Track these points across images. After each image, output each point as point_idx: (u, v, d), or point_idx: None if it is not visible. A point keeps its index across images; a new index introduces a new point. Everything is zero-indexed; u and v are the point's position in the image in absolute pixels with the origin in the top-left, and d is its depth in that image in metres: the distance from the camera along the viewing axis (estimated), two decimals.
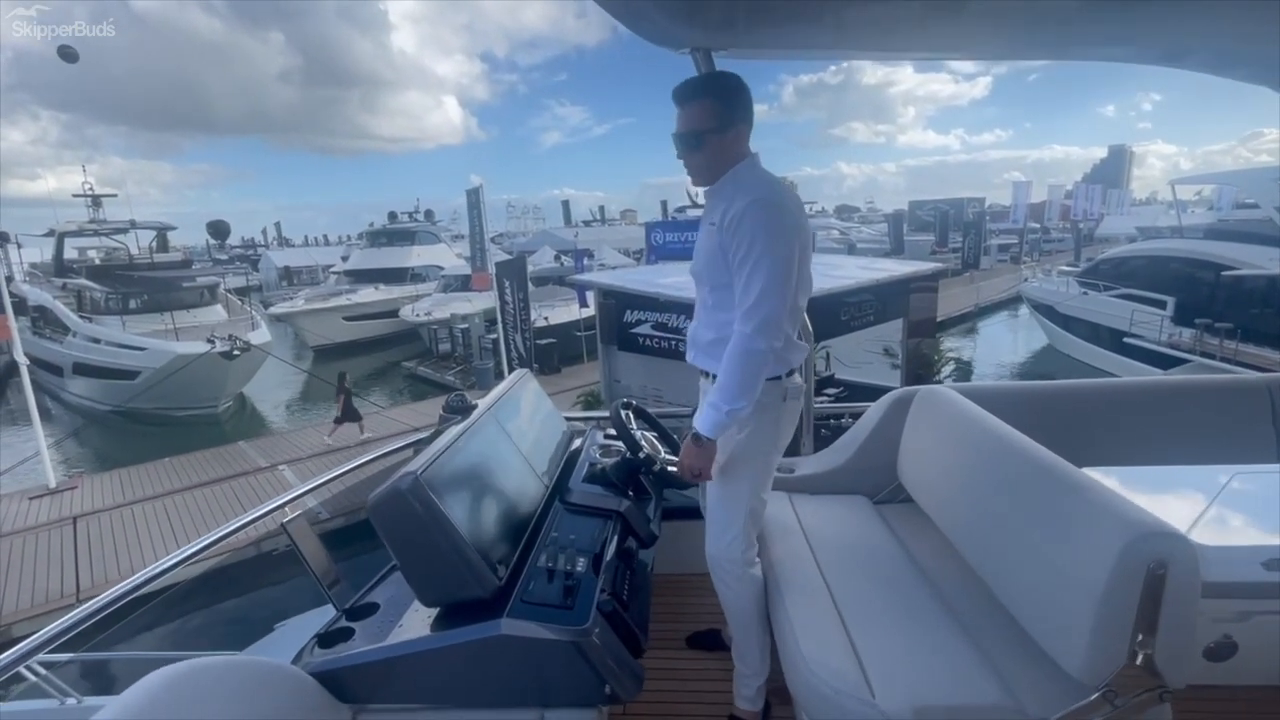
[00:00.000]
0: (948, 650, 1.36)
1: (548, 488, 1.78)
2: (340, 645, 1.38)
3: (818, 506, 2.05)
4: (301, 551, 1.59)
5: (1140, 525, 1.08)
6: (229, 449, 11.63)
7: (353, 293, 24.54)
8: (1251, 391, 2.07)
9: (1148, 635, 1.09)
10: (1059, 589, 1.20)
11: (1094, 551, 1.11)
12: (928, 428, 1.90)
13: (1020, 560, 1.34)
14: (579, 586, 1.38)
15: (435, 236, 29.46)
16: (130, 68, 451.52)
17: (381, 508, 1.28)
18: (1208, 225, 15.97)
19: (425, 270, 26.42)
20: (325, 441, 11.48)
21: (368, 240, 29.40)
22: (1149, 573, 1.06)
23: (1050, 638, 1.22)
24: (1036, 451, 1.43)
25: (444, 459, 1.39)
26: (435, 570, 1.29)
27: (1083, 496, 1.23)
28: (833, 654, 1.35)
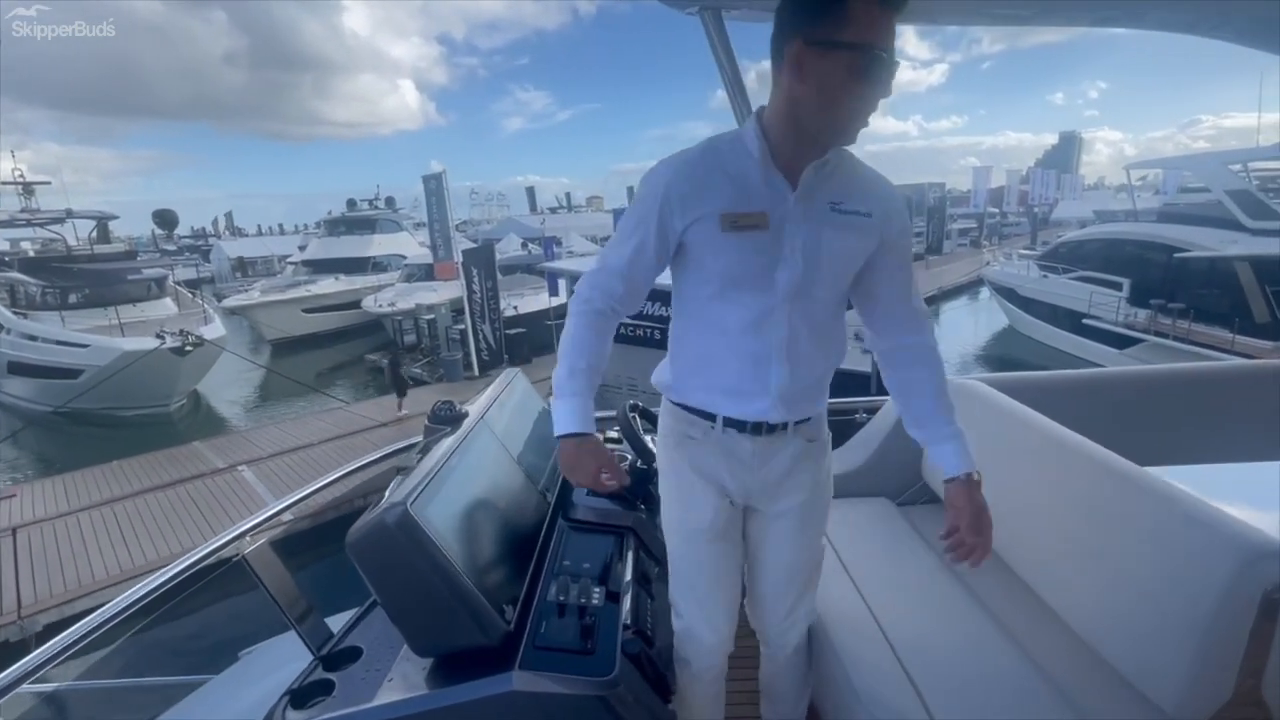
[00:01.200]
0: (1012, 677, 1.23)
1: (550, 504, 1.59)
2: (318, 703, 1.17)
3: (838, 511, 1.90)
4: (266, 585, 1.36)
5: (1251, 545, 0.95)
6: (183, 450, 11.03)
7: (312, 284, 23.64)
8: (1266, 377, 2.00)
9: (1257, 666, 0.96)
10: (1149, 614, 1.06)
11: (1196, 574, 0.98)
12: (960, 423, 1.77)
13: (1088, 578, 1.21)
14: (597, 623, 1.20)
15: (397, 224, 28.58)
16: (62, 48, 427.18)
17: (364, 544, 1.07)
18: (1160, 209, 16.51)
19: (387, 259, 25.61)
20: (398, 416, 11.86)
21: (326, 229, 28.33)
22: (1265, 597, 0.93)
23: (1138, 668, 1.09)
24: (1097, 452, 1.30)
25: (434, 483, 1.19)
26: (431, 617, 1.09)
27: (1166, 506, 1.10)
28: (889, 689, 1.21)
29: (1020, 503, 1.44)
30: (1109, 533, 1.18)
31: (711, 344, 1.18)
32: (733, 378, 1.17)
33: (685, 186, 1.09)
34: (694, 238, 1.11)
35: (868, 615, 1.44)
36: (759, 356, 1.15)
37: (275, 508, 1.66)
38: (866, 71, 0.97)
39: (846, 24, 0.94)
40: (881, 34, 0.96)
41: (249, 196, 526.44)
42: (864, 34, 0.95)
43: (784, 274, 1.11)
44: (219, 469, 9.91)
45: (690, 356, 1.22)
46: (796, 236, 1.09)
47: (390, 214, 29.29)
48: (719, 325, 1.16)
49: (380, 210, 29.13)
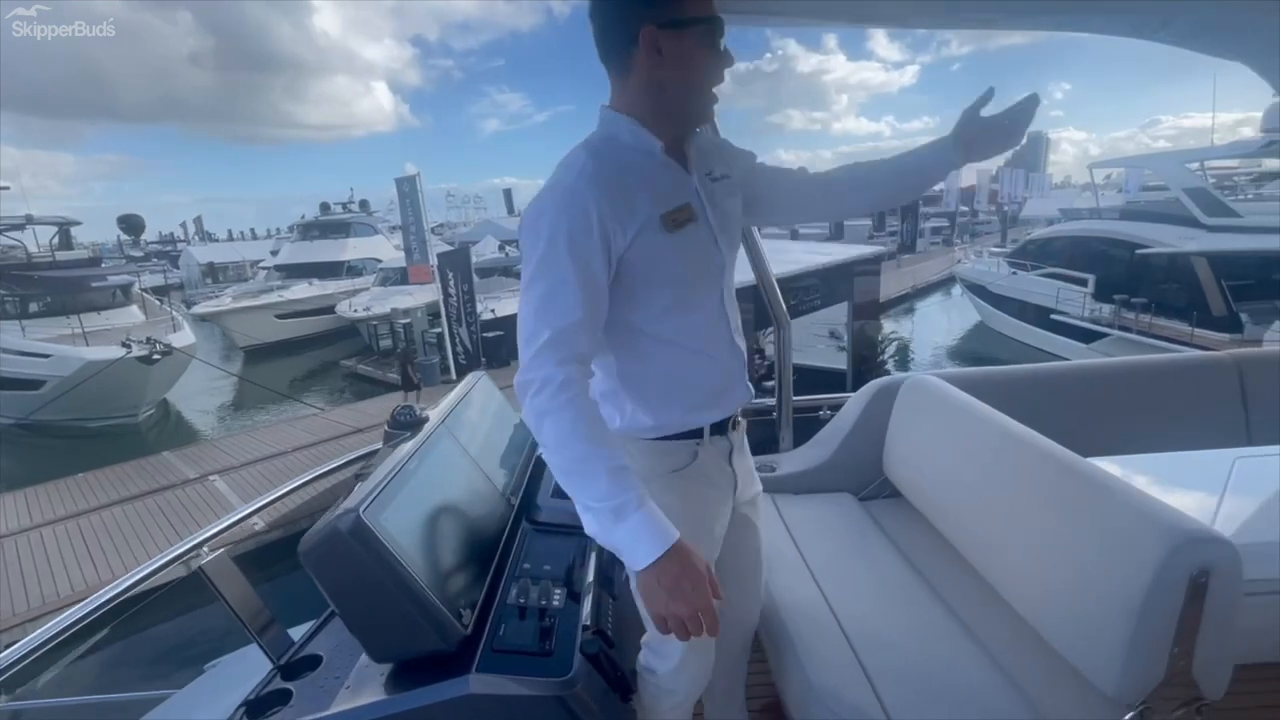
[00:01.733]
0: (963, 665, 1.27)
1: (514, 507, 1.59)
2: (276, 712, 1.16)
3: (802, 508, 1.94)
4: (224, 597, 1.35)
5: (1180, 531, 0.99)
6: (152, 460, 10.76)
7: (284, 289, 23.23)
8: (1219, 368, 2.08)
9: (1188, 646, 1.01)
10: (1086, 599, 1.11)
11: (1130, 559, 1.02)
12: (916, 419, 1.81)
13: (1034, 565, 1.25)
14: (557, 625, 1.21)
15: (372, 228, 28.20)
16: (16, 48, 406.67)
17: (317, 553, 1.06)
18: (1122, 206, 16.99)
19: (362, 263, 25.27)
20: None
21: (299, 233, 27.86)
22: (1191, 581, 0.98)
23: (1078, 652, 1.13)
24: (1042, 443, 1.34)
25: (390, 488, 1.19)
26: (387, 623, 1.09)
27: (1105, 495, 1.14)
28: (845, 684, 1.23)
29: (973, 495, 1.48)
30: (1053, 522, 1.22)
31: (680, 359, 1.11)
32: (714, 380, 1.14)
33: (613, 201, 0.99)
34: (639, 252, 1.02)
35: (825, 608, 1.47)
36: (724, 344, 1.15)
37: (233, 517, 1.64)
38: (716, 41, 1.02)
39: (688, 2, 0.98)
40: (713, 6, 1.01)
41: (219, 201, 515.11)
42: (704, 8, 1.00)
43: (720, 256, 1.12)
44: (190, 479, 9.68)
45: (662, 382, 1.12)
46: (714, 217, 1.11)
47: (365, 217, 28.91)
48: (682, 335, 1.10)
49: (354, 214, 28.74)
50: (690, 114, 1.07)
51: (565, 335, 0.96)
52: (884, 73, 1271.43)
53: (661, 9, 0.97)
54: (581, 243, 0.96)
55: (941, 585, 1.55)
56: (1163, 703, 1.04)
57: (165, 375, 14.91)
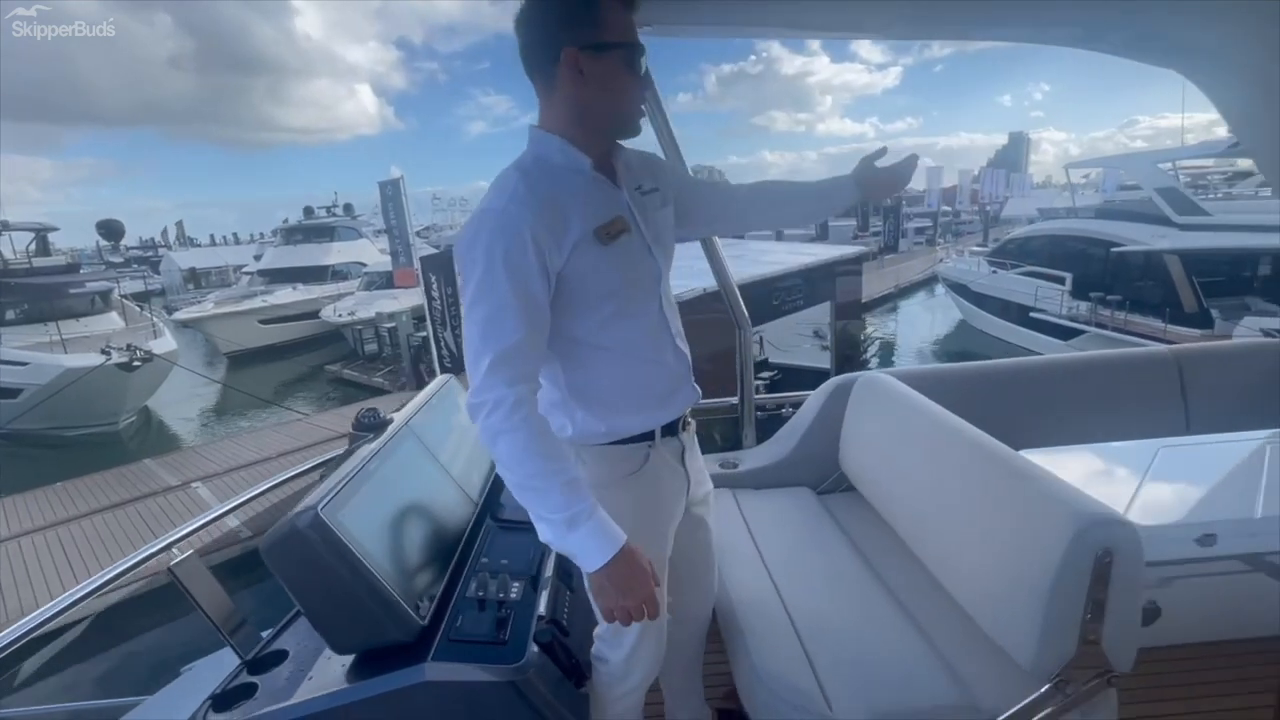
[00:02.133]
0: (900, 650, 1.34)
1: (477, 505, 1.64)
2: (240, 705, 1.21)
3: (761, 502, 2.01)
4: (194, 597, 1.39)
5: (1086, 514, 1.07)
6: (133, 468, 10.64)
7: (268, 294, 23.02)
8: (1160, 363, 2.18)
9: (1096, 622, 1.08)
10: (1007, 580, 1.18)
11: (1042, 541, 1.10)
12: (867, 415, 1.89)
13: (966, 550, 1.33)
14: (513, 616, 1.26)
15: (356, 232, 28.03)
16: None
17: (277, 550, 1.11)
18: (1098, 206, 17.30)
19: (347, 268, 25.10)
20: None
21: (282, 237, 27.62)
22: (1096, 561, 1.05)
23: (1001, 631, 1.20)
24: (976, 436, 1.42)
25: (350, 486, 1.24)
26: (346, 616, 1.14)
27: (1026, 483, 1.22)
28: (788, 667, 1.30)
29: (916, 487, 1.56)
30: (981, 510, 1.30)
31: (625, 364, 1.16)
32: (661, 384, 1.20)
33: (546, 220, 1.02)
34: (575, 267, 1.06)
35: (776, 599, 1.53)
36: (668, 349, 1.21)
37: (203, 519, 1.68)
38: (636, 64, 1.07)
39: (608, 27, 1.04)
40: (635, 31, 1.08)
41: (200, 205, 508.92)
42: (627, 33, 1.06)
43: (656, 266, 1.18)
44: (172, 486, 9.61)
45: (609, 389, 1.16)
46: (647, 228, 1.16)
47: (349, 221, 28.72)
48: (624, 343, 1.15)
49: (339, 217, 28.55)
50: (614, 131, 1.13)
51: (511, 356, 1.00)
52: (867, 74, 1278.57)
53: (583, 32, 1.02)
54: (519, 265, 1.00)
55: (887, 574, 1.62)
56: (1076, 674, 1.12)
57: (146, 382, 14.74)
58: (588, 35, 1.02)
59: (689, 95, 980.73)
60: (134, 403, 15.20)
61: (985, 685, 1.23)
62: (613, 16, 1.04)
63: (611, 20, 1.04)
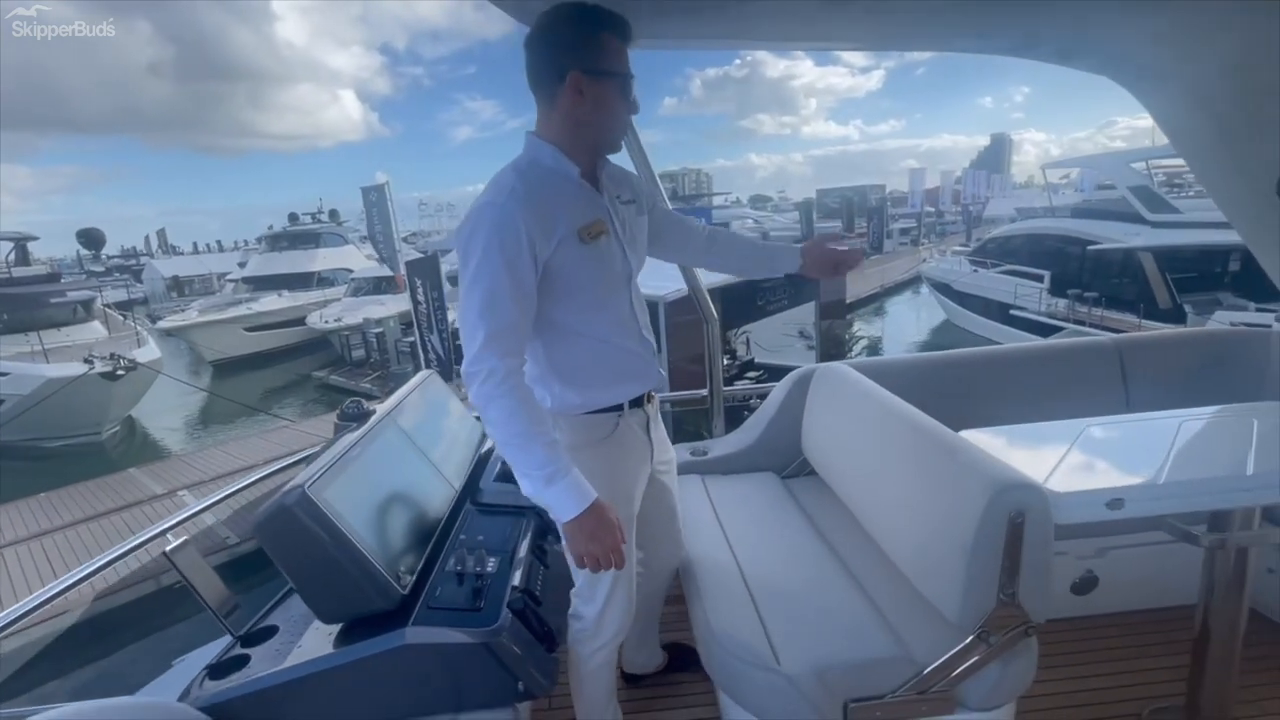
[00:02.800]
0: (846, 611, 1.45)
1: (457, 490, 1.74)
2: (235, 674, 1.30)
3: (728, 486, 2.12)
4: (190, 580, 1.48)
5: (1000, 480, 1.19)
6: (118, 477, 10.58)
7: (253, 301, 22.88)
8: (1103, 351, 2.32)
9: (1012, 578, 1.20)
10: (936, 543, 1.30)
11: (964, 507, 1.22)
12: (825, 403, 2.01)
13: (906, 520, 1.44)
14: (489, 587, 1.36)
15: (342, 238, 27.93)
16: None
17: (268, 526, 1.21)
18: (1074, 205, 17.65)
19: (333, 274, 25.01)
20: None
21: (267, 244, 27.47)
22: (1010, 521, 1.17)
23: (931, 588, 1.32)
24: (918, 418, 1.54)
25: (336, 468, 1.34)
26: (333, 587, 1.24)
27: (955, 457, 1.34)
28: (741, 628, 1.41)
29: (870, 466, 1.67)
30: (920, 483, 1.42)
31: (598, 347, 1.32)
32: (629, 364, 1.37)
33: (537, 217, 1.16)
34: (559, 261, 1.21)
35: (735, 568, 1.65)
36: (635, 337, 1.38)
37: (199, 506, 1.76)
38: (629, 91, 1.25)
39: (609, 56, 1.21)
40: (629, 63, 1.25)
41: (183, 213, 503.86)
42: (623, 64, 1.24)
43: (628, 265, 1.34)
44: (158, 495, 9.57)
45: (584, 367, 1.32)
46: (623, 233, 1.33)
47: (335, 227, 28.62)
48: (598, 329, 1.31)
49: (324, 224, 28.43)
50: (602, 146, 1.30)
51: (503, 333, 1.14)
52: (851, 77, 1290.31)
53: (588, 59, 1.19)
54: (513, 255, 1.15)
55: (840, 547, 1.74)
56: (997, 626, 1.23)
57: (130, 392, 14.63)
58: (592, 62, 1.19)
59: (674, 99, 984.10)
60: (118, 412, 15.09)
61: (919, 639, 1.34)
62: (612, 47, 1.21)
63: (611, 50, 1.21)
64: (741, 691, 1.35)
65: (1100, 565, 1.94)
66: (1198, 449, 1.46)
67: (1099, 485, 1.30)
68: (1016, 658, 1.27)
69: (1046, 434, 1.60)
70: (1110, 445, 1.53)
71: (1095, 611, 1.98)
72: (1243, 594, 1.43)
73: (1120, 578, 1.95)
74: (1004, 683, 1.28)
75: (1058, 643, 1.89)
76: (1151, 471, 1.34)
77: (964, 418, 1.67)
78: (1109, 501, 1.27)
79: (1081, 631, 1.93)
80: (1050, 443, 1.54)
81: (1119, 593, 1.97)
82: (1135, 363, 2.28)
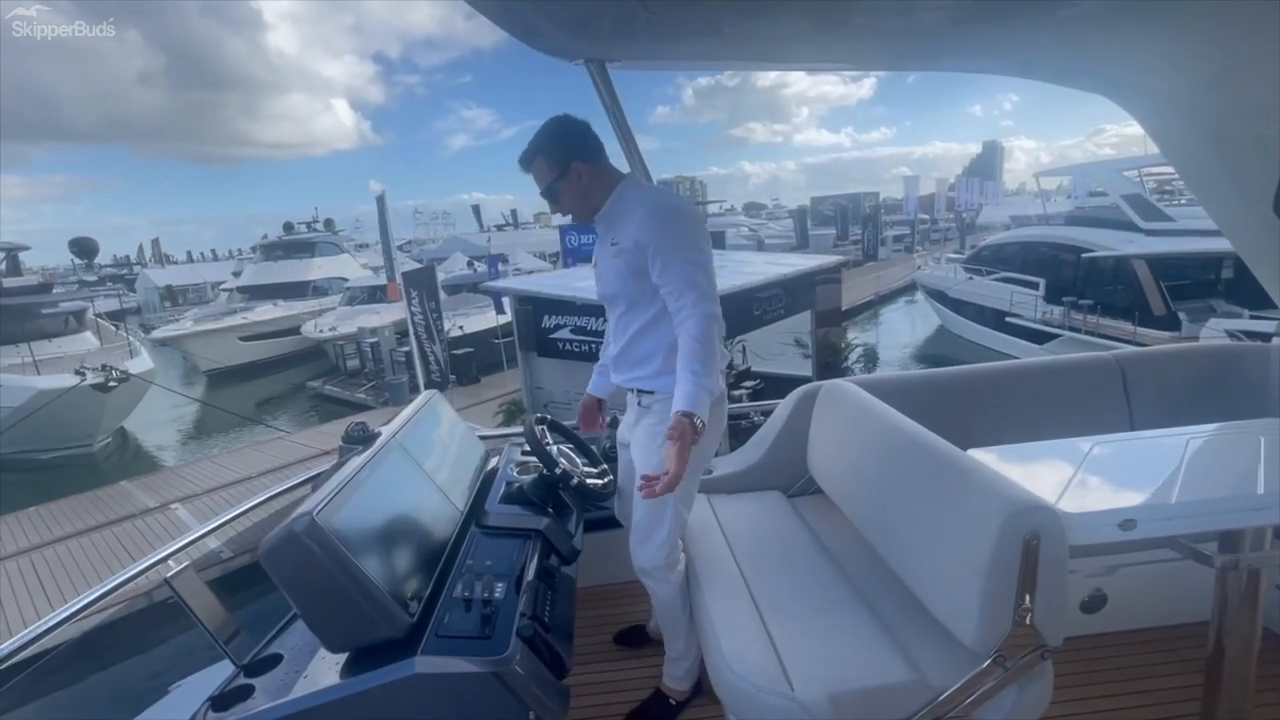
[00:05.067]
0: (858, 635, 1.44)
1: (462, 513, 1.72)
2: (237, 706, 1.27)
3: (735, 505, 2.11)
4: (190, 607, 1.45)
5: (1014, 501, 1.18)
6: (109, 490, 10.48)
7: (248, 310, 22.82)
8: (1104, 367, 2.32)
9: (1028, 600, 1.19)
10: (950, 566, 1.29)
11: (977, 529, 1.21)
12: (831, 421, 2.00)
13: (917, 541, 1.43)
14: (498, 613, 1.34)
15: (337, 247, 27.90)
16: None
17: (275, 554, 1.19)
18: (1068, 213, 17.79)
19: (328, 283, 24.97)
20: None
21: (262, 253, 27.41)
22: (1025, 544, 1.16)
23: (945, 612, 1.31)
24: (926, 437, 1.53)
25: (343, 494, 1.32)
26: (340, 615, 1.21)
27: (966, 478, 1.33)
28: (752, 651, 1.39)
29: (878, 486, 1.66)
30: (930, 504, 1.41)
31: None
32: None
33: None
34: None
35: (744, 589, 1.63)
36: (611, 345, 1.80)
37: (197, 533, 1.74)
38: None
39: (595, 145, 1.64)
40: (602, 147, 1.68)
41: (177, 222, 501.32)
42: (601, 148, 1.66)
43: (600, 290, 1.75)
44: (150, 509, 9.48)
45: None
46: (599, 269, 1.73)
47: (330, 236, 28.60)
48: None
49: (319, 233, 28.40)
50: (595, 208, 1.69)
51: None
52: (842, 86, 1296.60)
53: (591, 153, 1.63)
54: None
55: (850, 568, 1.72)
56: (1013, 650, 1.22)
57: (122, 403, 14.53)
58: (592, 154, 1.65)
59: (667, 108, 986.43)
60: (110, 424, 14.97)
61: (935, 664, 1.33)
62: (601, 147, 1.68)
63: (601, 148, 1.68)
64: (752, 716, 1.33)
65: (1109, 583, 1.94)
66: (1206, 467, 1.46)
67: (1110, 506, 1.29)
68: (1033, 682, 1.26)
69: (1053, 453, 1.59)
70: (1118, 464, 1.53)
71: (1104, 630, 1.97)
72: (1256, 613, 1.42)
73: (1129, 595, 1.94)
74: (1021, 707, 1.27)
75: (1068, 662, 1.87)
76: (1161, 491, 1.34)
77: (967, 435, 1.66)
78: (1121, 522, 1.26)
79: (1091, 650, 1.92)
80: (1057, 461, 1.53)
81: (1128, 610, 1.96)
82: (1137, 379, 2.29)
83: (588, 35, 1.77)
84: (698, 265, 1.53)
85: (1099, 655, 1.91)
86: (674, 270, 1.52)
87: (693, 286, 1.51)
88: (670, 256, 1.52)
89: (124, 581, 1.61)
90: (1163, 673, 1.84)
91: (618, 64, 1.94)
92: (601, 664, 2.03)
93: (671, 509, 1.66)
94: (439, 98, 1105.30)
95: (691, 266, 1.52)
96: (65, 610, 1.50)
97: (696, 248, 1.55)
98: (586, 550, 1.84)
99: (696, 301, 1.50)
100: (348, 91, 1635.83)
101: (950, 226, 45.22)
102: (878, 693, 1.29)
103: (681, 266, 1.52)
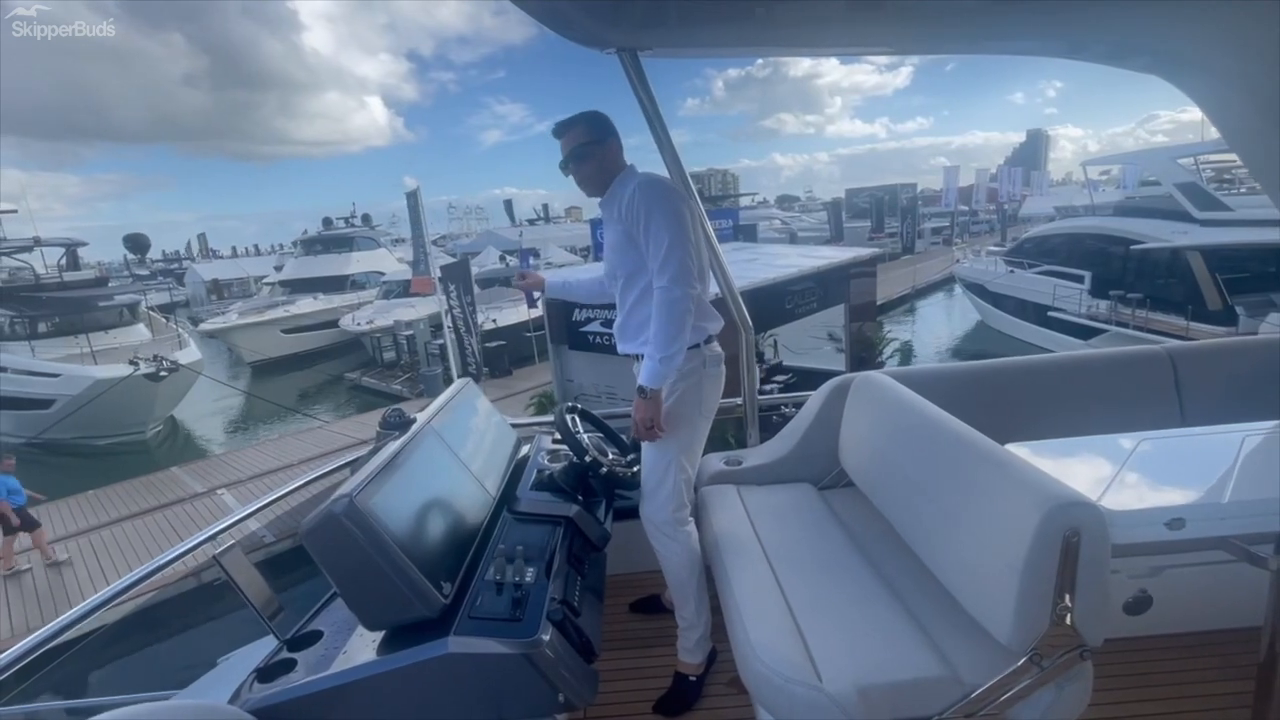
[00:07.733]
0: (889, 628, 1.42)
1: (494, 499, 1.75)
2: (281, 678, 1.32)
3: (765, 497, 2.10)
4: (237, 583, 1.51)
5: (1054, 497, 1.14)
6: (160, 476, 10.99)
7: (290, 304, 23.54)
8: (1155, 360, 2.23)
9: (1067, 599, 1.15)
10: (986, 561, 1.26)
11: (1015, 524, 1.17)
12: (864, 413, 1.97)
13: (951, 536, 1.40)
14: (528, 597, 1.36)
15: (374, 241, 28.56)
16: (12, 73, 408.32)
17: (316, 534, 1.23)
18: (1116, 203, 17.06)
19: (366, 277, 25.60)
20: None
21: (302, 248, 28.25)
22: (1065, 540, 1.12)
23: (980, 608, 1.28)
24: (962, 430, 1.49)
25: (380, 477, 1.35)
26: (377, 594, 1.25)
27: (1004, 472, 1.29)
28: (781, 642, 1.38)
29: (911, 479, 1.63)
30: (966, 498, 1.37)
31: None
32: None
33: None
34: None
35: (773, 581, 1.62)
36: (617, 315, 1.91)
37: (241, 513, 1.81)
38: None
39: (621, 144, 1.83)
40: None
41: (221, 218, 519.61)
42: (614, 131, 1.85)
43: (605, 265, 1.91)
44: (198, 493, 9.90)
45: None
46: (605, 242, 1.89)
47: (367, 231, 29.29)
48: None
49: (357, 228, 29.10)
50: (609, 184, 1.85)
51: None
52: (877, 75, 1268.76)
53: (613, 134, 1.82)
54: None
55: (880, 561, 1.70)
56: (1050, 649, 1.19)
57: (172, 392, 15.15)
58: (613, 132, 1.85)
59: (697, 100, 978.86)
60: (161, 412, 15.63)
61: (967, 660, 1.30)
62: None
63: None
64: (780, 707, 1.32)
65: (1155, 585, 1.86)
66: (1260, 465, 1.39)
67: (1158, 504, 1.25)
68: (1071, 682, 1.23)
69: (1098, 448, 1.54)
70: (1167, 461, 1.47)
71: (1149, 632, 1.90)
72: None
73: (1176, 598, 1.87)
74: (1058, 707, 1.23)
75: (1110, 664, 1.82)
76: (1213, 490, 1.28)
77: (1008, 429, 1.61)
78: (1169, 521, 1.22)
79: (1135, 653, 1.86)
80: (1102, 457, 1.48)
81: (1175, 613, 1.89)
82: (1190, 372, 2.19)
83: (620, 24, 1.77)
84: (675, 241, 1.68)
85: (1143, 658, 1.84)
86: (651, 245, 1.71)
87: (664, 262, 1.68)
88: (650, 229, 1.70)
89: (174, 559, 1.68)
90: (1211, 679, 1.77)
91: (649, 53, 1.93)
92: (632, 651, 2.05)
93: (675, 461, 1.80)
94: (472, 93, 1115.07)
95: (666, 238, 1.68)
96: (121, 583, 1.58)
97: (676, 222, 1.70)
98: (615, 538, 1.85)
99: (660, 273, 1.68)
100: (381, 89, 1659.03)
101: (991, 218, 43.81)
102: (908, 687, 1.27)
103: (657, 235, 1.70)
